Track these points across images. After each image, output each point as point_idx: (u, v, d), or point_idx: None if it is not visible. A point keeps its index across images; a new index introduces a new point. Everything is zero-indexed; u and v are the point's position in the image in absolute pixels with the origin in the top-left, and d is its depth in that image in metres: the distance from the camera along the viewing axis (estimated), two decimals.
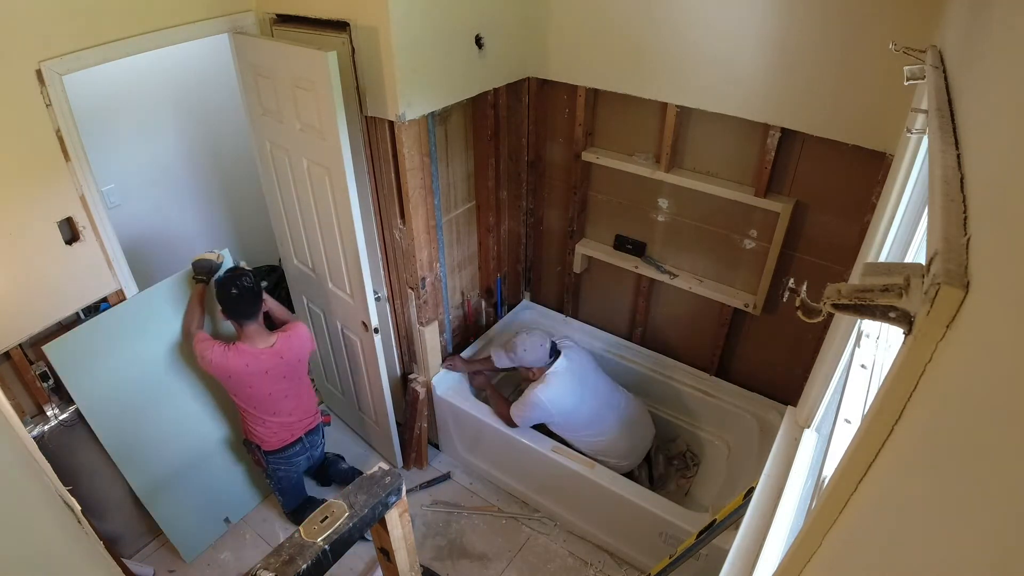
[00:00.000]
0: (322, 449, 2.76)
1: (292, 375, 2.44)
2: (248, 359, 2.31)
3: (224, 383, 2.36)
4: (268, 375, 2.36)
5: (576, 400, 2.60)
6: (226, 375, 2.30)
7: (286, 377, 2.42)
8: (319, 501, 2.89)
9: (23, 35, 1.78)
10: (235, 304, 2.28)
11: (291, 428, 2.54)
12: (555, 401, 2.57)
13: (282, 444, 2.54)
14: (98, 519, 2.44)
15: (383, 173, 2.39)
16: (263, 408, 2.43)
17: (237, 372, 2.30)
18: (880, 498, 0.62)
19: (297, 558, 1.32)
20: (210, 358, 2.26)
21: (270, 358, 2.35)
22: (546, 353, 2.61)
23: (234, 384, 2.34)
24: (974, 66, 0.86)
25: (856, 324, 1.59)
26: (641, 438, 2.76)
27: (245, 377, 2.32)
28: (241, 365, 2.30)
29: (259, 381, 2.36)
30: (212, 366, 2.28)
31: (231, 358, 2.28)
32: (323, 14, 2.15)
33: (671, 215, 2.71)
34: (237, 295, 2.27)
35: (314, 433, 2.64)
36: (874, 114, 1.95)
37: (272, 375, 2.38)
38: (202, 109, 3.38)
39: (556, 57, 2.57)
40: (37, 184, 1.93)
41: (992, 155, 0.61)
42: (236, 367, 2.29)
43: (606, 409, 2.67)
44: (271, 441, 2.51)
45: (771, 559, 1.45)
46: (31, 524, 1.01)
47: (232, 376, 2.31)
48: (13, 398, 2.10)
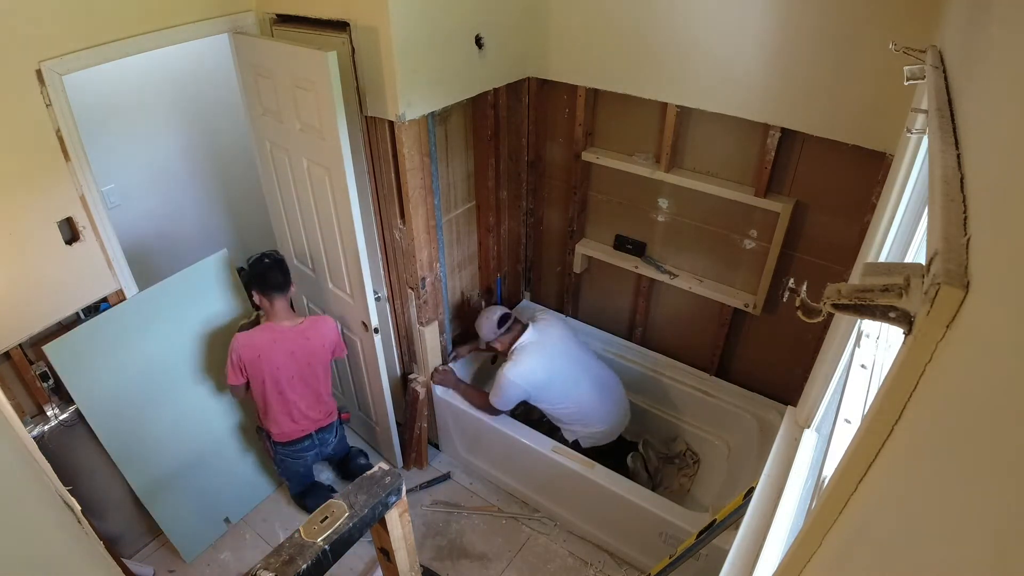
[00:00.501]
0: (333, 446, 2.79)
1: (314, 362, 2.48)
2: (275, 335, 2.38)
3: (250, 373, 2.39)
4: (293, 356, 2.41)
5: (547, 371, 2.61)
6: (255, 354, 2.35)
7: (310, 364, 2.46)
8: (325, 487, 2.95)
9: (23, 35, 1.78)
10: (268, 273, 2.37)
11: (301, 424, 2.57)
12: (525, 375, 2.58)
13: (290, 438, 2.58)
14: (98, 519, 2.44)
15: (383, 173, 2.39)
16: (281, 400, 2.46)
17: (264, 348, 2.36)
18: (880, 498, 0.62)
19: (297, 558, 1.32)
20: (237, 347, 2.34)
21: (296, 337, 2.41)
22: (494, 324, 2.66)
23: (258, 368, 2.37)
24: (974, 66, 0.86)
25: (856, 324, 1.59)
26: (617, 404, 2.76)
27: (271, 356, 2.37)
28: (268, 341, 2.36)
29: (284, 362, 2.40)
30: (241, 356, 2.34)
31: (258, 334, 2.37)
32: (323, 14, 2.15)
33: (671, 215, 2.71)
34: (270, 263, 2.39)
35: (326, 431, 2.67)
36: (874, 114, 1.95)
37: (296, 357, 2.42)
38: (202, 109, 3.38)
39: (556, 57, 2.57)
40: (37, 184, 1.93)
41: (992, 155, 0.61)
42: (263, 342, 2.36)
43: (580, 373, 2.68)
44: (281, 434, 2.55)
45: (771, 559, 1.45)
46: (31, 524, 1.01)
47: (261, 355, 2.35)
48: (13, 398, 2.10)
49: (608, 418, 2.71)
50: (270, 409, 2.49)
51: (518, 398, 2.63)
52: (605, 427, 2.71)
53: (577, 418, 2.68)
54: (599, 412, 2.69)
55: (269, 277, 2.38)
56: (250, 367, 2.38)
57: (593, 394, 2.68)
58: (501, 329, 2.66)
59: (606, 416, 2.71)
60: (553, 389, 2.64)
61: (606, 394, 2.73)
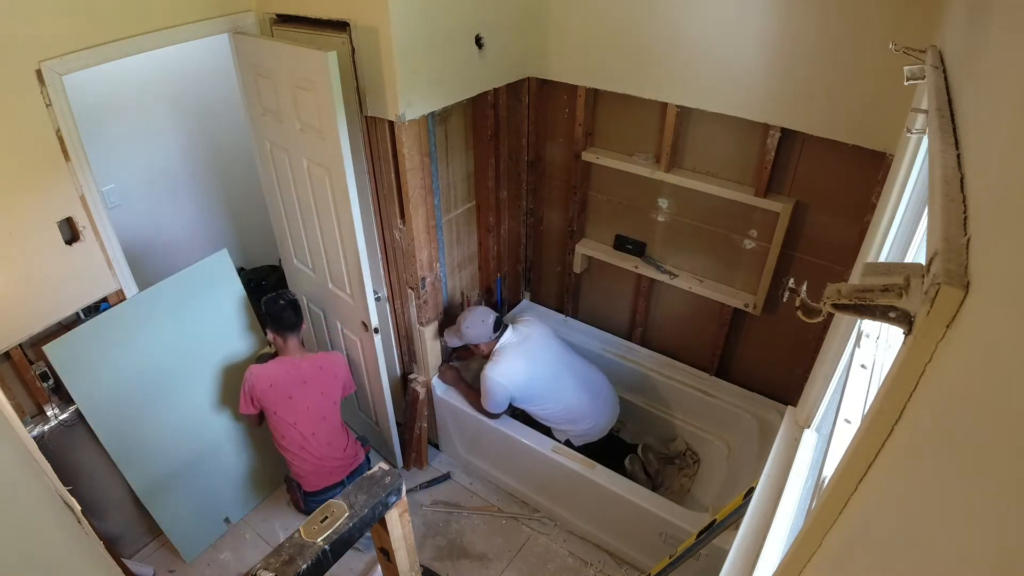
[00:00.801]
0: None
1: (328, 393, 2.49)
2: (288, 366, 2.42)
3: (263, 403, 2.41)
4: (306, 386, 2.43)
5: (528, 370, 2.61)
6: (267, 384, 2.38)
7: (323, 393, 2.47)
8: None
9: (23, 35, 1.78)
10: (283, 313, 2.43)
11: (329, 468, 2.53)
12: (507, 375, 2.58)
13: (323, 486, 2.54)
14: (98, 519, 2.44)
15: (383, 173, 2.39)
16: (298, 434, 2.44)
17: (278, 380, 2.39)
18: (880, 498, 0.62)
19: (297, 558, 1.32)
20: (251, 378, 2.38)
21: (309, 367, 2.46)
22: (489, 328, 2.63)
23: (270, 398, 2.39)
24: (974, 66, 0.86)
25: (856, 324, 1.58)
26: (603, 399, 2.76)
27: (285, 387, 2.39)
28: (282, 372, 2.40)
29: (298, 393, 2.42)
30: (254, 385, 2.37)
31: (271, 366, 2.41)
32: (323, 14, 2.15)
33: (671, 215, 2.71)
34: (285, 305, 2.45)
35: (356, 474, 2.62)
36: (874, 114, 1.95)
37: (310, 388, 2.44)
38: (202, 109, 3.38)
39: (556, 57, 2.57)
40: (37, 184, 1.93)
41: (992, 155, 0.61)
42: (276, 372, 2.40)
43: (564, 372, 2.68)
44: (312, 483, 2.52)
45: (771, 559, 1.45)
46: (31, 524, 1.01)
47: (274, 385, 2.38)
48: (13, 398, 2.10)
49: (595, 415, 2.71)
50: (289, 444, 2.45)
51: (503, 398, 2.63)
52: (592, 424, 2.71)
53: (564, 417, 2.68)
54: (585, 409, 2.69)
55: (284, 318, 2.44)
56: (262, 397, 2.39)
57: (578, 392, 2.68)
58: (495, 334, 2.64)
59: (593, 413, 2.71)
60: (536, 389, 2.64)
61: (591, 391, 2.72)
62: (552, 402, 2.66)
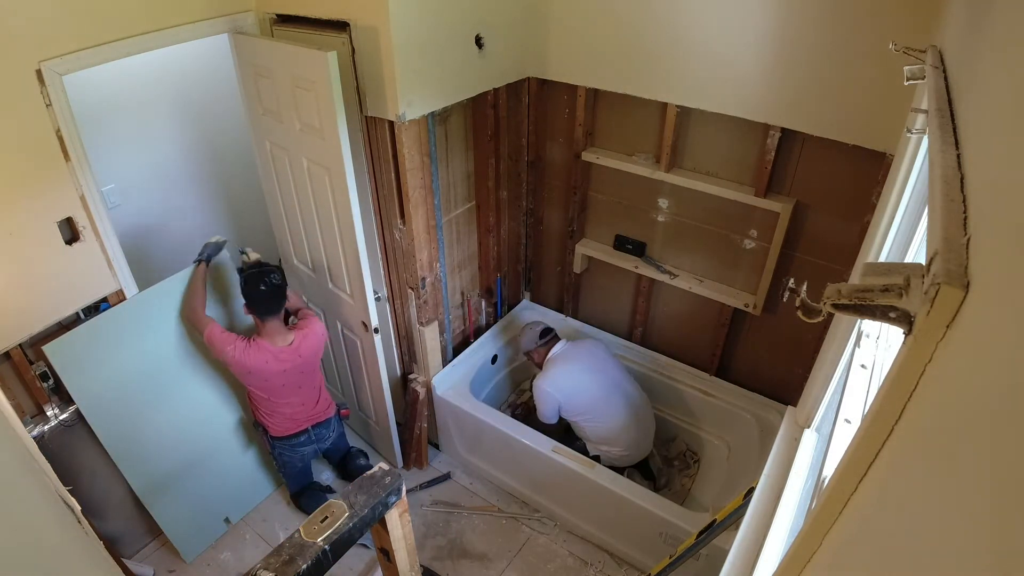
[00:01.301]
0: (333, 441, 2.79)
1: (307, 369, 2.49)
2: (268, 357, 2.34)
3: (239, 377, 2.40)
4: (286, 373, 2.41)
5: (575, 380, 2.67)
6: (245, 371, 2.34)
7: (302, 372, 2.47)
8: (322, 487, 2.95)
9: (23, 35, 1.78)
10: (263, 300, 2.30)
11: (297, 420, 2.57)
12: (554, 383, 2.67)
13: (287, 433, 2.58)
14: (98, 519, 2.44)
15: (383, 173, 2.39)
16: (275, 398, 2.47)
17: (257, 369, 2.34)
18: (880, 498, 0.62)
19: (297, 558, 1.32)
20: (231, 354, 2.29)
21: (290, 356, 2.39)
22: (536, 336, 2.81)
23: (251, 379, 2.39)
24: (974, 66, 0.86)
25: (856, 324, 1.58)
26: (646, 432, 2.77)
27: (262, 373, 2.37)
28: (261, 363, 2.34)
29: (276, 377, 2.40)
30: (231, 362, 2.31)
31: (251, 355, 2.32)
32: (323, 14, 2.15)
33: (671, 215, 2.71)
34: (267, 292, 2.28)
35: (322, 426, 2.68)
36: (874, 114, 1.95)
37: (289, 372, 2.42)
38: (202, 109, 3.38)
39: (556, 57, 2.57)
40: (37, 184, 1.93)
41: (992, 155, 0.61)
42: (256, 364, 2.33)
43: (615, 394, 2.69)
44: (277, 429, 2.56)
45: (771, 559, 1.45)
46: (31, 524, 1.01)
47: (252, 372, 2.35)
48: (13, 398, 2.10)
49: (635, 445, 2.72)
50: (262, 404, 2.50)
51: (553, 406, 2.69)
52: (628, 453, 2.72)
53: (604, 437, 2.69)
54: (629, 437, 2.69)
55: (266, 304, 2.30)
56: (239, 372, 2.36)
57: (624, 413, 2.68)
58: (541, 341, 2.80)
59: (634, 443, 2.71)
60: (581, 399, 2.67)
61: (640, 420, 2.73)
62: (598, 418, 2.68)
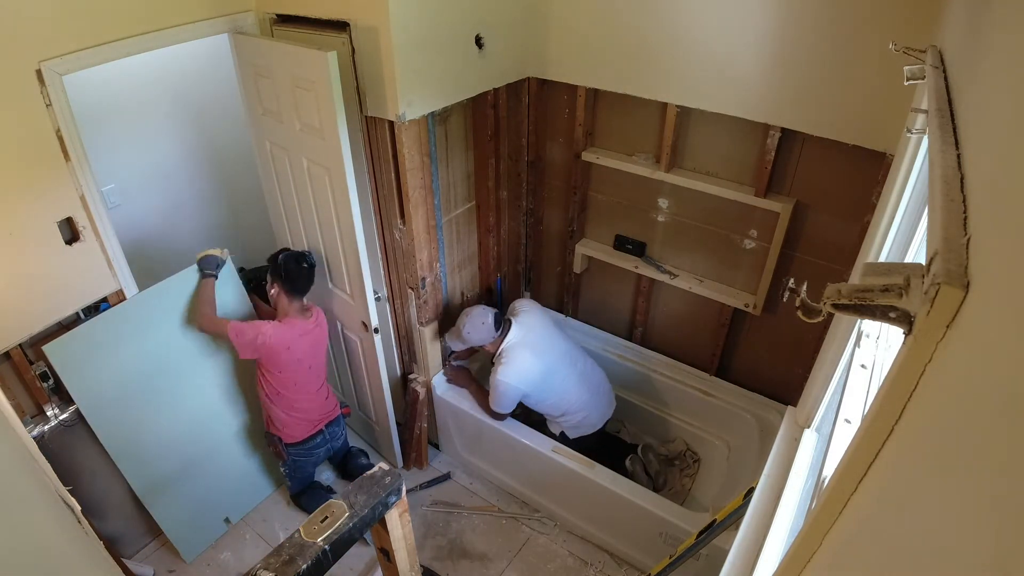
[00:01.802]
0: (343, 440, 2.83)
1: (322, 351, 2.56)
2: (298, 331, 2.43)
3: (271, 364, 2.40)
4: (314, 347, 2.48)
5: (540, 369, 2.57)
6: (284, 347, 2.38)
7: (317, 353, 2.54)
8: (323, 487, 2.95)
9: (23, 35, 1.78)
10: (302, 277, 2.42)
11: (312, 420, 2.60)
12: (520, 375, 2.54)
13: (304, 436, 2.60)
14: (98, 519, 2.44)
15: (383, 173, 2.39)
16: (300, 387, 2.49)
17: (293, 343, 2.40)
18: (880, 498, 0.62)
19: (297, 558, 1.32)
20: (267, 336, 2.33)
21: (314, 328, 2.48)
22: (491, 327, 2.57)
23: (284, 360, 2.40)
24: (974, 66, 0.86)
25: (856, 324, 1.58)
26: (601, 393, 2.76)
27: (296, 350, 2.41)
28: (296, 336, 2.41)
29: (306, 355, 2.45)
30: (268, 344, 2.34)
31: (285, 331, 2.39)
32: (323, 14, 2.15)
33: (671, 215, 2.71)
34: (307, 269, 2.42)
35: (334, 424, 2.71)
36: (874, 114, 1.95)
37: (316, 347, 2.50)
38: (202, 109, 3.38)
39: (556, 57, 2.57)
40: (37, 184, 1.93)
41: (992, 155, 0.61)
42: (291, 338, 2.40)
43: (567, 366, 2.66)
44: (293, 433, 2.57)
45: (771, 559, 1.45)
46: (31, 524, 1.01)
47: (290, 347, 2.39)
48: (13, 398, 2.10)
49: (588, 407, 2.70)
50: (282, 400, 2.49)
51: (516, 400, 2.62)
52: (585, 415, 2.70)
53: (560, 408, 2.68)
54: (582, 401, 2.68)
55: (301, 283, 2.42)
56: (273, 356, 2.38)
57: (577, 383, 2.68)
58: (497, 332, 2.59)
59: (587, 405, 2.69)
60: (546, 384, 2.63)
61: (589, 384, 2.72)
62: (556, 395, 2.65)
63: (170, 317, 2.42)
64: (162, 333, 2.42)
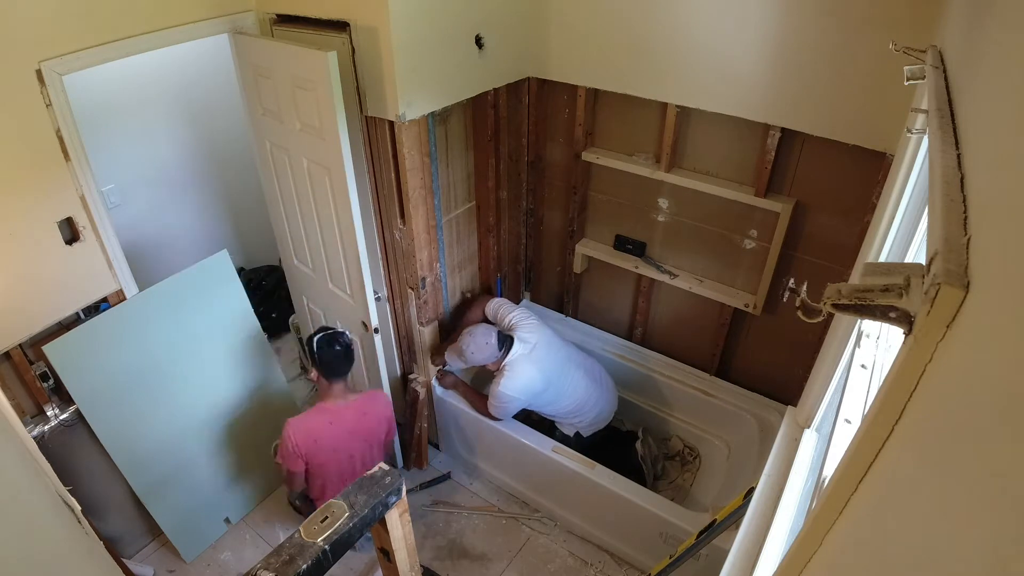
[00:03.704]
0: None
1: (373, 439, 2.41)
2: (331, 416, 2.30)
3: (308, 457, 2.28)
4: (352, 435, 2.34)
5: (543, 380, 2.58)
6: (312, 439, 2.25)
7: (366, 440, 2.39)
8: None
9: (23, 35, 1.78)
10: (336, 359, 2.28)
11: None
12: (524, 388, 2.56)
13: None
14: (98, 519, 2.44)
15: (383, 173, 2.39)
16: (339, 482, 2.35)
17: (321, 432, 2.27)
18: (880, 498, 0.62)
19: (297, 558, 1.32)
20: (288, 430, 2.24)
21: (353, 414, 2.34)
22: (495, 348, 2.55)
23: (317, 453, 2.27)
24: (974, 66, 0.86)
25: (856, 324, 1.58)
26: (605, 387, 2.79)
27: (329, 439, 2.28)
28: (324, 423, 2.28)
29: (344, 443, 2.32)
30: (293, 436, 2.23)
31: (311, 418, 2.28)
32: (323, 14, 2.15)
33: (671, 215, 2.71)
34: (340, 351, 2.28)
35: None
36: (874, 114, 1.95)
37: (357, 436, 2.35)
38: (202, 109, 3.38)
39: (556, 57, 2.57)
40: (37, 184, 1.93)
41: (992, 155, 0.61)
42: (318, 426, 2.27)
43: (572, 369, 2.68)
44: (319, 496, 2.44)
45: (771, 559, 1.45)
46: (31, 524, 1.01)
47: (318, 440, 2.26)
48: (13, 398, 2.10)
49: (600, 403, 2.75)
50: (325, 490, 2.39)
51: (516, 410, 2.65)
52: (599, 412, 2.75)
53: (572, 411, 2.70)
54: (593, 399, 2.72)
55: (336, 364, 2.29)
56: (307, 452, 2.27)
57: (585, 384, 2.70)
58: (501, 351, 2.56)
59: (599, 401, 2.74)
60: (550, 393, 2.64)
61: (595, 380, 2.76)
62: (565, 399, 2.68)
63: (170, 317, 2.42)
64: (162, 333, 2.41)
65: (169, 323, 2.43)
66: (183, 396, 2.55)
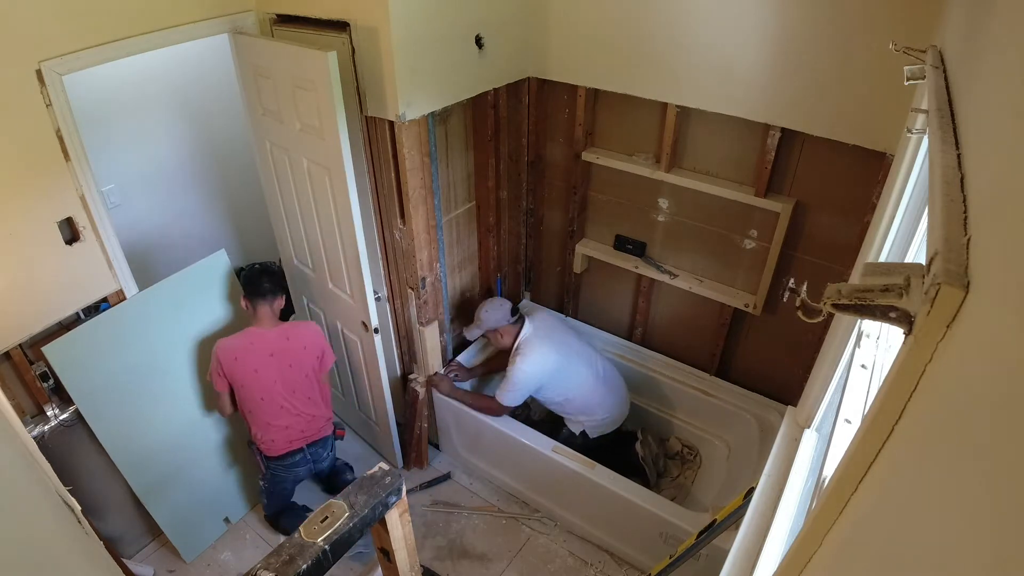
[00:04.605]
0: (330, 462, 2.73)
1: (297, 366, 2.45)
2: (253, 338, 2.39)
3: (231, 377, 2.39)
4: (273, 358, 2.41)
5: (557, 359, 2.65)
6: (231, 356, 2.36)
7: (291, 366, 2.44)
8: (300, 508, 2.85)
9: (23, 35, 1.78)
10: (254, 278, 2.41)
11: (292, 439, 2.52)
12: (539, 363, 2.62)
13: (282, 452, 2.52)
14: (98, 519, 2.44)
15: (383, 173, 2.39)
16: (267, 406, 2.43)
17: (241, 352, 2.36)
18: (880, 498, 0.62)
19: (297, 558, 1.32)
20: (215, 348, 2.36)
21: (276, 339, 2.42)
22: (507, 313, 2.68)
23: (236, 371, 2.37)
24: (974, 66, 0.86)
25: (856, 324, 1.58)
26: (618, 391, 2.81)
27: (249, 359, 2.37)
28: (246, 343, 2.38)
29: (263, 363, 2.39)
30: (217, 354, 2.35)
31: (235, 339, 2.38)
32: (323, 14, 2.15)
33: (671, 215, 2.71)
34: (259, 270, 2.44)
35: (318, 445, 2.60)
36: (874, 114, 1.95)
37: (277, 360, 2.41)
38: (202, 109, 3.38)
39: (556, 57, 2.57)
40: (37, 184, 1.93)
41: (992, 155, 0.61)
42: (240, 345, 2.37)
43: (582, 363, 2.72)
44: (272, 448, 2.50)
45: (771, 559, 1.45)
46: (31, 524, 1.01)
47: (238, 359, 2.36)
48: (13, 398, 2.10)
49: (611, 405, 2.75)
50: (255, 417, 2.45)
51: (530, 390, 2.66)
52: (608, 415, 2.75)
53: (582, 407, 2.72)
54: (604, 399, 2.73)
55: (255, 282, 2.41)
56: (228, 371, 2.37)
57: (596, 382, 2.72)
58: (513, 318, 2.69)
59: (610, 403, 2.75)
60: (562, 376, 2.67)
61: (607, 382, 2.76)
62: (574, 391, 2.70)
63: (170, 317, 2.42)
64: (162, 333, 2.42)
65: (169, 323, 2.43)
66: (183, 396, 2.55)
